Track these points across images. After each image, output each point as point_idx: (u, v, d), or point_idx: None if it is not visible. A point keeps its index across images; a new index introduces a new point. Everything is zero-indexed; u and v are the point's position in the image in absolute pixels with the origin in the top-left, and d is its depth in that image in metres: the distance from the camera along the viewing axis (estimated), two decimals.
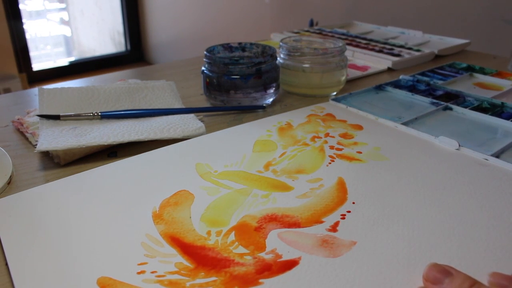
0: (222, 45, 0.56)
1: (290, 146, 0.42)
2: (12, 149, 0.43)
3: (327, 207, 0.32)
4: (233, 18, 2.09)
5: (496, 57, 0.78)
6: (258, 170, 0.38)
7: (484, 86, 0.61)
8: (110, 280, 0.25)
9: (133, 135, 0.42)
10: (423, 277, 0.25)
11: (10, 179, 0.37)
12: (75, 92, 0.51)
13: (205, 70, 0.53)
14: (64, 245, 0.29)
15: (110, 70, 2.23)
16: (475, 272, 0.26)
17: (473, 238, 0.29)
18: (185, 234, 0.29)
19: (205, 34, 2.29)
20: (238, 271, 0.26)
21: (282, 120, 0.49)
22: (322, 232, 0.30)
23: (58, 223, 0.31)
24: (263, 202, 0.33)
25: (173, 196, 0.34)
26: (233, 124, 0.48)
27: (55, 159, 0.40)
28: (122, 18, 2.82)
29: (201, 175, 0.37)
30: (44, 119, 0.45)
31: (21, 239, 0.29)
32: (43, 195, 0.34)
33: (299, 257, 0.27)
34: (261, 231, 0.30)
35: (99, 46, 2.93)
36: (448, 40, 0.84)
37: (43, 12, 2.73)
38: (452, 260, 0.27)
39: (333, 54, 0.56)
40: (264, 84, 0.52)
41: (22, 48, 2.35)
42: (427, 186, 0.35)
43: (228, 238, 0.29)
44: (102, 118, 0.47)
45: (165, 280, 0.26)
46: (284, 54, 0.57)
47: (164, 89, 0.54)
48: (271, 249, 0.28)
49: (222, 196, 0.34)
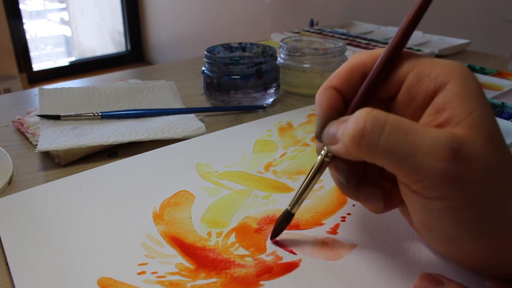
0: (222, 45, 0.56)
1: (290, 146, 0.42)
2: (12, 149, 0.43)
3: (327, 209, 0.32)
4: (233, 18, 2.09)
5: (496, 57, 0.78)
6: (258, 170, 0.38)
7: (485, 86, 0.61)
8: (111, 281, 0.25)
9: (133, 135, 0.42)
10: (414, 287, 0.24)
11: (10, 179, 0.37)
12: (75, 92, 0.51)
13: (205, 70, 0.52)
14: (64, 245, 0.28)
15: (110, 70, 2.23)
16: (474, 276, 0.26)
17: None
18: (186, 235, 0.29)
19: (205, 34, 2.29)
20: (239, 272, 0.26)
21: (282, 120, 0.49)
22: (322, 234, 0.29)
23: (59, 223, 0.31)
24: (263, 203, 0.33)
25: (173, 196, 0.34)
26: (233, 124, 0.48)
27: (55, 159, 0.40)
28: (122, 18, 2.82)
29: (201, 175, 0.37)
30: (45, 119, 0.45)
31: (21, 239, 0.29)
32: (43, 195, 0.34)
33: (299, 260, 0.27)
34: (261, 233, 0.30)
35: (99, 46, 2.93)
36: (448, 40, 0.84)
37: (43, 12, 2.74)
38: (451, 264, 0.27)
39: (334, 54, 0.56)
40: (264, 84, 0.52)
41: (22, 48, 2.35)
42: None
43: (229, 239, 0.29)
44: (103, 118, 0.47)
45: (165, 280, 0.25)
46: (285, 54, 0.57)
47: (164, 89, 0.54)
48: (272, 251, 0.28)
49: (222, 196, 0.34)
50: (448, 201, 0.21)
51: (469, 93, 0.22)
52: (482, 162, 0.21)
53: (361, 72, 0.26)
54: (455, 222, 0.21)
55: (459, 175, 0.20)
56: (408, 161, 0.21)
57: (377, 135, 0.21)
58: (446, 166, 0.20)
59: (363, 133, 0.21)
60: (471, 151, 0.20)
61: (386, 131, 0.21)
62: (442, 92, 0.22)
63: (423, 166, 0.20)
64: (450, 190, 0.21)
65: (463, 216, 0.21)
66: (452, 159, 0.20)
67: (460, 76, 0.22)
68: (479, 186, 0.21)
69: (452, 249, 0.23)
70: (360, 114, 0.22)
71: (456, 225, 0.21)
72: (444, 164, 0.20)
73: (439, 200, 0.21)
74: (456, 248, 0.23)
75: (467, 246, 0.22)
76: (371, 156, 0.22)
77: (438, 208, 0.21)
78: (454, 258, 0.25)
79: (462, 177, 0.20)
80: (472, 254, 0.23)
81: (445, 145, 0.20)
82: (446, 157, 0.20)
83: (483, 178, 0.21)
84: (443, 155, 0.20)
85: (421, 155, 0.20)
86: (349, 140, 0.22)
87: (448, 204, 0.21)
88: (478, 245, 0.22)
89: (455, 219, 0.21)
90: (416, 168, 0.21)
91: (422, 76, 0.23)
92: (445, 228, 0.22)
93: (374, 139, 0.21)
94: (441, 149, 0.20)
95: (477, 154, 0.21)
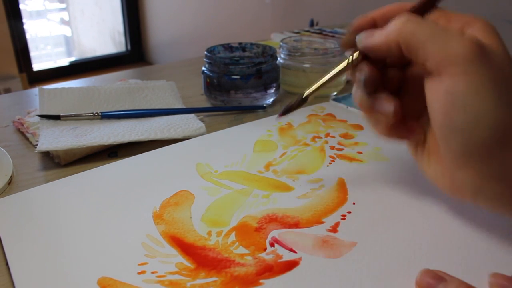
0: (222, 45, 0.56)
1: (290, 146, 0.42)
2: (12, 149, 0.43)
3: (327, 207, 0.32)
4: (233, 18, 2.09)
5: None
6: (258, 170, 0.38)
7: None
8: (111, 280, 0.25)
9: (133, 135, 0.42)
10: (416, 284, 0.24)
11: (10, 179, 0.37)
12: (75, 92, 0.51)
13: (206, 70, 0.53)
14: (64, 245, 0.29)
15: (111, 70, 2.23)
16: (476, 273, 0.26)
17: (473, 238, 0.29)
18: (186, 235, 0.29)
19: (205, 34, 2.29)
20: (239, 271, 0.26)
21: (282, 120, 0.49)
22: (322, 233, 0.30)
23: (58, 223, 0.31)
24: (263, 202, 0.33)
25: (173, 196, 0.34)
26: (233, 124, 0.48)
27: (55, 159, 0.40)
28: (122, 18, 2.82)
29: (201, 175, 0.37)
30: (45, 119, 0.45)
31: (21, 239, 0.29)
32: (43, 195, 0.34)
33: (300, 258, 0.27)
34: (261, 232, 0.30)
35: (99, 46, 2.93)
36: None
37: (43, 12, 2.74)
38: (452, 260, 0.27)
39: (334, 54, 0.56)
40: (264, 84, 0.52)
41: (22, 48, 2.35)
42: (427, 186, 0.35)
43: (229, 238, 0.29)
44: (103, 118, 0.47)
45: (165, 280, 0.26)
46: (285, 54, 0.57)
47: (164, 89, 0.54)
48: (272, 249, 0.28)
49: (222, 196, 0.34)
50: (473, 76, 0.23)
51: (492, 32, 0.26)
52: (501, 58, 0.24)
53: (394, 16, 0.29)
54: (475, 100, 0.23)
55: (484, 54, 0.23)
56: (441, 39, 0.24)
57: (419, 20, 0.25)
58: (473, 46, 0.23)
59: (408, 18, 0.25)
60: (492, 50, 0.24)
61: (426, 21, 0.25)
62: (469, 29, 0.26)
63: (453, 45, 0.24)
64: (476, 65, 0.23)
65: (486, 92, 0.23)
66: (478, 46, 0.24)
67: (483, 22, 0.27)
68: (502, 67, 0.24)
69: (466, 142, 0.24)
70: (402, 13, 0.27)
71: (476, 104, 0.23)
72: (471, 45, 0.23)
73: (465, 74, 0.23)
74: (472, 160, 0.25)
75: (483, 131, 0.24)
76: (411, 36, 0.25)
77: (463, 86, 0.23)
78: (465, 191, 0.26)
79: (486, 56, 0.24)
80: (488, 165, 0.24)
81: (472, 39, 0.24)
82: (473, 43, 0.24)
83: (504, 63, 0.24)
84: (470, 42, 0.24)
85: (453, 39, 0.24)
86: (397, 22, 0.26)
87: (472, 79, 0.23)
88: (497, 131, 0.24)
89: (479, 96, 0.23)
90: (447, 45, 0.24)
91: (451, 18, 0.28)
92: (466, 108, 0.24)
93: (417, 21, 0.25)
94: (469, 39, 0.24)
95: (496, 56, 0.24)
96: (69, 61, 2.79)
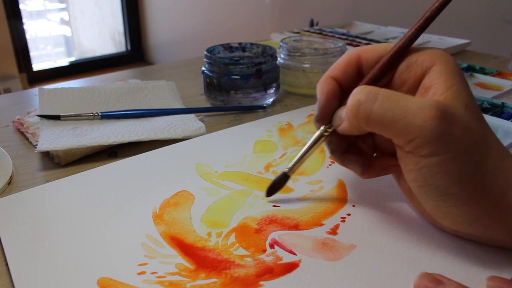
0: (222, 45, 0.56)
1: (290, 146, 0.42)
2: (12, 149, 0.43)
3: (327, 209, 0.32)
4: (233, 18, 2.09)
5: (496, 57, 0.78)
6: (258, 171, 0.38)
7: (485, 86, 0.61)
8: (110, 281, 0.25)
9: (133, 135, 0.42)
10: (414, 287, 0.24)
11: (10, 179, 0.37)
12: (75, 92, 0.51)
13: (205, 70, 0.52)
14: (64, 245, 0.28)
15: (111, 70, 2.23)
16: (474, 275, 0.26)
17: (472, 241, 0.29)
18: (186, 235, 0.29)
19: (205, 34, 2.29)
20: (239, 273, 0.26)
21: (282, 120, 0.49)
22: (322, 235, 0.29)
23: (58, 223, 0.31)
24: (263, 203, 0.33)
25: (173, 196, 0.34)
26: (233, 124, 0.48)
27: (55, 159, 0.40)
28: (122, 18, 2.82)
29: (201, 176, 0.37)
30: (45, 119, 0.45)
31: (21, 239, 0.29)
32: (43, 195, 0.34)
33: (299, 260, 0.27)
34: (261, 233, 0.30)
35: (99, 46, 2.93)
36: (448, 40, 0.84)
37: (43, 12, 2.73)
38: (451, 263, 0.27)
39: (334, 54, 0.56)
40: (264, 84, 0.52)
41: (22, 48, 2.35)
42: None
43: (229, 239, 0.29)
44: (103, 118, 0.47)
45: (165, 281, 0.25)
46: (285, 54, 0.57)
47: (164, 89, 0.54)
48: (272, 251, 0.28)
49: (222, 197, 0.34)
50: (437, 157, 0.24)
51: (450, 72, 0.26)
52: (463, 123, 0.24)
53: (356, 64, 0.30)
54: (444, 175, 0.24)
55: (445, 132, 0.23)
56: (400, 123, 0.24)
57: (371, 103, 0.25)
58: (434, 123, 0.23)
59: (359, 103, 0.25)
60: (454, 113, 0.24)
61: (379, 99, 0.24)
62: (428, 74, 0.26)
63: (414, 126, 0.23)
64: (438, 146, 0.23)
65: (450, 170, 0.24)
66: (439, 117, 0.23)
67: (442, 60, 0.26)
68: (462, 142, 0.24)
69: (442, 207, 0.25)
70: (356, 90, 0.26)
71: (445, 178, 0.24)
72: (432, 122, 0.23)
73: (429, 156, 0.24)
74: (445, 205, 0.25)
75: (455, 200, 0.24)
76: (368, 123, 0.25)
77: (428, 164, 0.24)
78: (446, 218, 0.27)
79: (448, 134, 0.23)
80: (460, 207, 0.25)
81: (432, 105, 0.23)
82: (433, 116, 0.23)
83: (465, 135, 0.24)
84: (430, 113, 0.23)
85: (411, 116, 0.23)
86: (349, 111, 0.26)
87: (437, 160, 0.24)
88: (463, 195, 0.24)
89: (444, 173, 0.24)
90: (407, 128, 0.24)
91: (410, 63, 0.27)
92: (435, 182, 0.24)
93: (369, 107, 0.25)
94: (428, 109, 0.23)
95: (458, 116, 0.24)
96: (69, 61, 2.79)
